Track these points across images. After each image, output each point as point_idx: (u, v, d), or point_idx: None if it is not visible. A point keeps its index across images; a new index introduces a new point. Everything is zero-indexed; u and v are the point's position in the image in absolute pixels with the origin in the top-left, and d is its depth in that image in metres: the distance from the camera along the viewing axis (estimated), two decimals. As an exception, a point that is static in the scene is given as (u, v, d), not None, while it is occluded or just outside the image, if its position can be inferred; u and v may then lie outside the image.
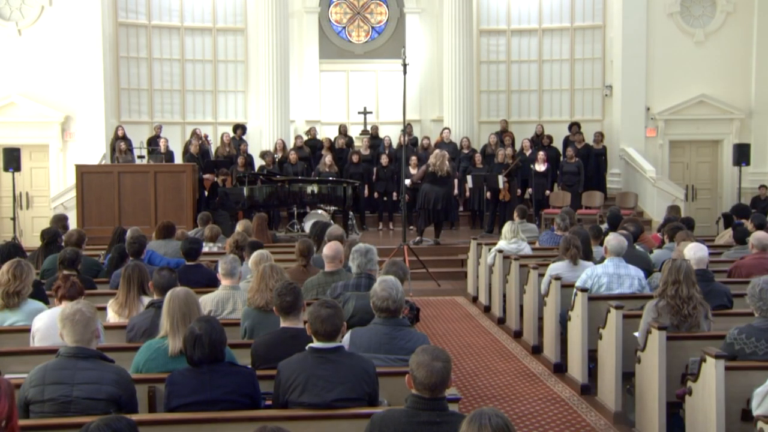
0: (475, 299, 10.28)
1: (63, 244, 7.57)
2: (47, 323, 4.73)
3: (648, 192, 14.89)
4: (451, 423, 3.01)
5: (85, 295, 5.00)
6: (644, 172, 14.98)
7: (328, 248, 6.09)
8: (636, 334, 5.52)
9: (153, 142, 14.78)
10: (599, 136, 15.55)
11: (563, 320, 6.89)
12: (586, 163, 14.70)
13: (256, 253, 5.98)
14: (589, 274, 6.67)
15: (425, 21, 17.72)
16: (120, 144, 13.79)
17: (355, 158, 14.52)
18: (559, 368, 7.03)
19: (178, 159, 14.83)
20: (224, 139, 14.94)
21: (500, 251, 9.12)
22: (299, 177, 13.76)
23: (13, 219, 13.96)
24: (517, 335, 8.35)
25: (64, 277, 4.91)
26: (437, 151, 12.67)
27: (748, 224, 9.23)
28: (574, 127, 15.70)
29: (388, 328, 4.27)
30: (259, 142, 15.79)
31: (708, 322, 5.33)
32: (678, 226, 8.16)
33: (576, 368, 6.57)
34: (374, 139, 15.65)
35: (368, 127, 16.49)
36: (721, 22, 15.75)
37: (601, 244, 7.34)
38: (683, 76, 15.64)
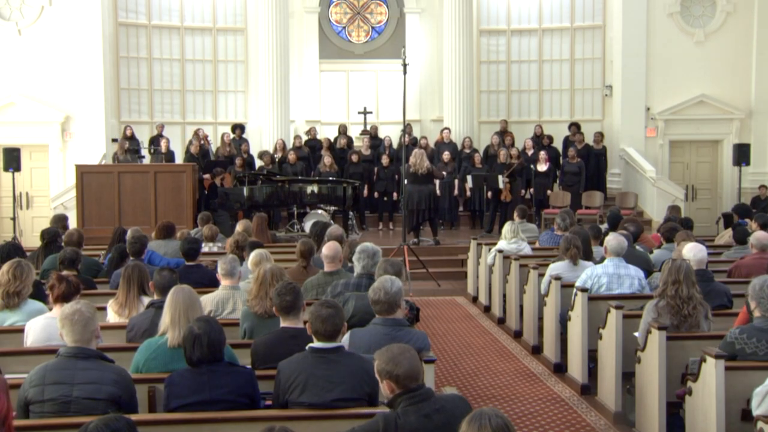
0: (475, 299, 10.28)
1: (63, 244, 7.57)
2: (39, 329, 4.73)
3: (648, 192, 14.89)
4: (446, 410, 3.10)
5: (82, 292, 4.97)
6: (644, 172, 14.98)
7: (327, 248, 6.06)
8: (636, 334, 5.52)
9: (155, 141, 14.80)
10: (599, 136, 15.55)
11: (563, 320, 6.88)
12: (586, 163, 14.70)
13: (254, 253, 5.97)
14: (589, 274, 6.66)
15: (425, 21, 17.72)
16: (124, 143, 13.79)
17: (354, 158, 14.52)
18: (559, 368, 7.03)
19: (179, 159, 14.84)
20: (225, 139, 14.94)
21: (500, 251, 9.12)
22: (299, 177, 13.76)
23: (13, 219, 13.96)
24: (517, 335, 8.35)
25: (58, 277, 4.86)
26: (416, 150, 12.68)
27: (752, 224, 9.24)
28: (574, 127, 15.70)
29: (387, 329, 4.26)
30: (259, 142, 15.80)
31: (708, 322, 5.32)
32: (674, 227, 8.16)
33: (576, 368, 6.57)
34: (374, 139, 15.65)
35: (368, 127, 16.49)
36: (721, 22, 15.75)
37: (601, 244, 7.34)
38: (683, 76, 15.64)
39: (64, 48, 14.83)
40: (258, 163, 14.70)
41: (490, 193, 13.82)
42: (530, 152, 14.77)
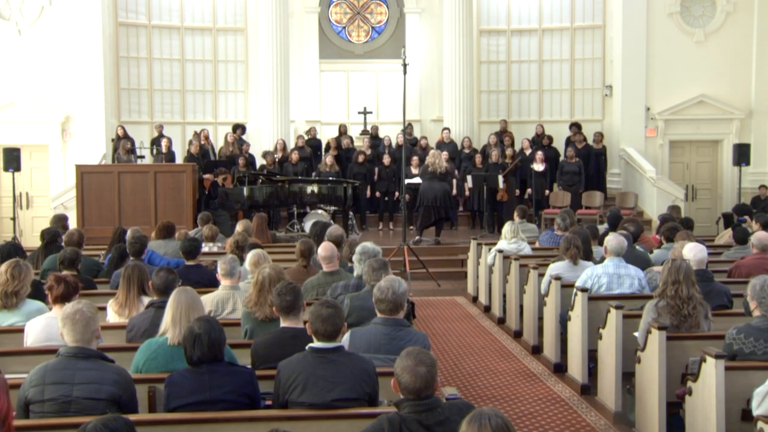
0: (475, 299, 10.28)
1: (63, 244, 7.57)
2: (40, 329, 4.73)
3: (648, 192, 14.89)
4: (450, 422, 3.00)
5: (80, 292, 4.97)
6: (644, 172, 14.98)
7: (323, 249, 6.05)
8: (636, 334, 5.52)
9: (156, 142, 14.80)
10: (599, 136, 15.55)
11: (563, 320, 6.88)
12: (586, 163, 14.71)
13: (252, 253, 5.96)
14: (589, 274, 6.67)
15: (425, 21, 17.72)
16: (125, 143, 13.80)
17: (360, 158, 14.52)
18: (559, 368, 7.03)
19: (180, 159, 14.83)
20: (228, 139, 14.93)
21: (500, 251, 9.12)
22: (299, 177, 13.76)
23: (13, 219, 13.96)
24: (517, 335, 8.35)
25: (56, 278, 4.84)
26: (434, 150, 12.76)
27: (753, 224, 9.23)
28: (575, 127, 15.70)
29: (387, 329, 4.25)
30: (259, 142, 15.78)
31: (708, 322, 5.33)
32: (675, 226, 8.16)
33: (576, 368, 6.57)
34: (374, 139, 15.65)
35: (368, 127, 16.49)
36: (721, 22, 15.75)
37: (600, 243, 7.34)
38: (683, 76, 15.64)
39: (64, 48, 14.83)
40: (260, 162, 14.69)
41: (486, 191, 13.79)
42: (528, 152, 14.78)
